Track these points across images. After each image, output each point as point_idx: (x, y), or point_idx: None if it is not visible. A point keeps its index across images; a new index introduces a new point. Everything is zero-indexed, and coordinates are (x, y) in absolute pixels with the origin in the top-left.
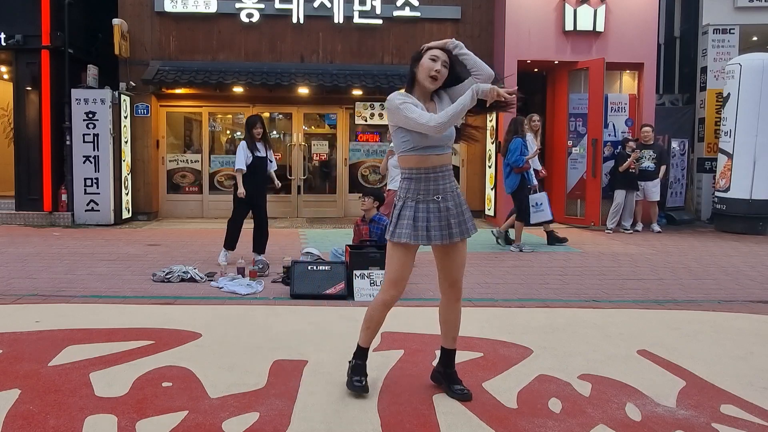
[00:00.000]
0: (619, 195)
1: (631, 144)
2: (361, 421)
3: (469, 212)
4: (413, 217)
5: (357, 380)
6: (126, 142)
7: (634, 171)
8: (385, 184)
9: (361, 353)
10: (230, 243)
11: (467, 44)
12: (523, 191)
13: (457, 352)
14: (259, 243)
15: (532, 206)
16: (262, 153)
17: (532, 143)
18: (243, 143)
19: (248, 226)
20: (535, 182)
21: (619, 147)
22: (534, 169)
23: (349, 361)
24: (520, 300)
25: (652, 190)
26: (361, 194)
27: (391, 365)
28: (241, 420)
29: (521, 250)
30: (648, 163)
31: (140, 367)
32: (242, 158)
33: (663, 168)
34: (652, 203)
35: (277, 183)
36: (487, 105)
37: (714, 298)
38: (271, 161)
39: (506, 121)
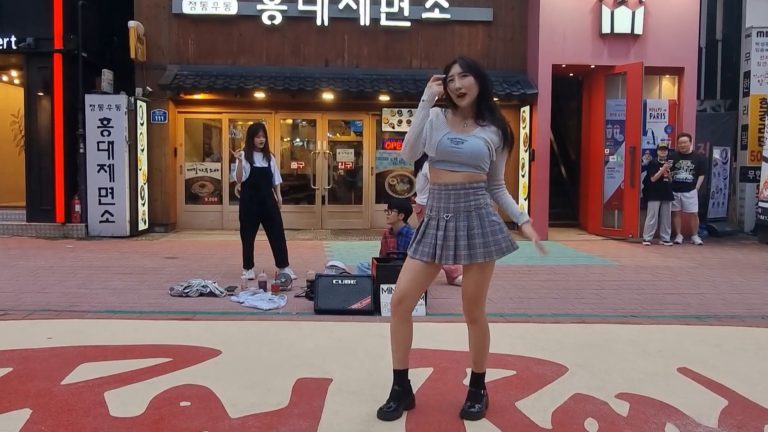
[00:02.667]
0: (653, 206)
1: (661, 153)
2: None
3: (496, 236)
4: (423, 233)
5: (386, 406)
6: (142, 150)
7: (668, 180)
8: (414, 194)
9: (395, 377)
10: (246, 261)
11: (500, 48)
12: None
13: (488, 370)
14: (279, 257)
15: None
16: (260, 163)
17: None
18: (242, 153)
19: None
20: None
21: (651, 155)
22: None
23: None
24: (554, 315)
25: (690, 201)
26: (387, 205)
27: (420, 383)
28: None
29: None
30: (685, 174)
31: (157, 386)
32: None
33: (700, 179)
34: (692, 214)
35: (279, 201)
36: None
37: (758, 313)
38: (273, 174)
39: (539, 128)
